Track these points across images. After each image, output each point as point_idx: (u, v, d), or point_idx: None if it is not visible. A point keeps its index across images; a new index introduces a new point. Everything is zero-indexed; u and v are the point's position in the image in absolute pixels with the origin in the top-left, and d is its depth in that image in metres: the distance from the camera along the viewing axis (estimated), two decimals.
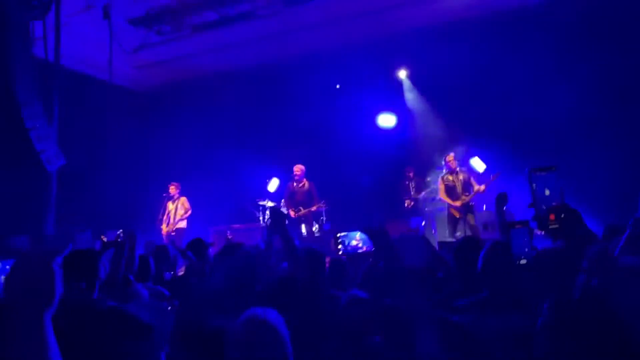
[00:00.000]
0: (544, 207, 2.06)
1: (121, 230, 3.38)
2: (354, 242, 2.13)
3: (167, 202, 8.35)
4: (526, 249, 2.20)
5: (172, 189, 8.34)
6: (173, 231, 8.17)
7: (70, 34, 7.67)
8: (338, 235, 2.21)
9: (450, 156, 7.44)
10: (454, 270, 2.77)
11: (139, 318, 1.27)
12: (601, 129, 7.13)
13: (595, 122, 7.17)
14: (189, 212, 8.31)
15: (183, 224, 8.27)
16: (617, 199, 5.86)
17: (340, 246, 2.22)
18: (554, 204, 2.06)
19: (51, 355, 0.91)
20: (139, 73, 10.08)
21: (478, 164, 7.90)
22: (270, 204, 8.22)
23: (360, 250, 2.13)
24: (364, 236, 1.79)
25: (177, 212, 8.25)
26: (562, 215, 2.01)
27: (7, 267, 5.13)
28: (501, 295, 2.10)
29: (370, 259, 2.36)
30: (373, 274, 2.28)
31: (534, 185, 2.11)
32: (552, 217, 2.02)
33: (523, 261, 2.19)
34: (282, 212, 2.58)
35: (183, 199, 8.38)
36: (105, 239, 4.16)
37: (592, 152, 7.00)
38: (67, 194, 7.54)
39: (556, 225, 2.02)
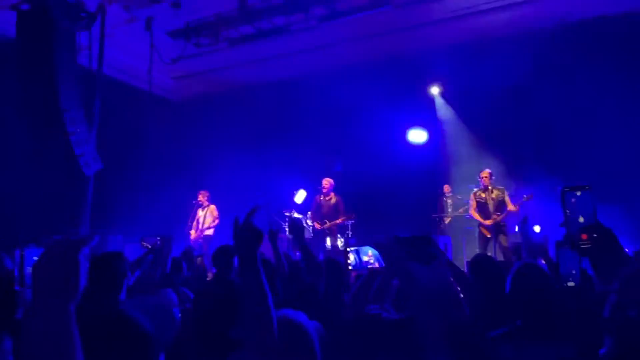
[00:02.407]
0: (576, 227, 1.97)
1: (160, 237, 3.49)
2: (365, 258, 2.08)
3: (197, 209, 8.50)
4: (574, 271, 2.08)
5: (202, 197, 8.49)
6: (201, 238, 8.29)
7: (113, 45, 8.03)
8: (348, 249, 2.17)
9: (485, 172, 7.21)
10: (476, 291, 2.67)
11: (139, 325, 1.27)
12: (637, 148, 6.86)
13: (631, 142, 6.89)
14: (217, 221, 8.42)
15: (211, 232, 8.39)
16: None
17: (349, 261, 2.18)
18: (586, 223, 1.97)
19: (74, 346, 0.90)
20: (176, 83, 10.40)
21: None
22: (296, 215, 8.24)
23: (370, 266, 2.08)
24: (375, 252, 1.74)
25: (206, 219, 8.38)
26: (595, 235, 1.91)
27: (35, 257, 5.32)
28: (537, 323, 1.99)
29: (380, 276, 2.31)
30: (384, 291, 2.24)
31: (566, 203, 2.02)
32: (584, 236, 1.92)
33: (571, 284, 2.08)
34: (300, 223, 2.56)
35: (212, 207, 8.51)
36: (145, 244, 4.29)
37: (630, 173, 6.73)
38: (103, 198, 7.80)
39: (588, 245, 1.93)
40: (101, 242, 7.47)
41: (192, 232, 8.41)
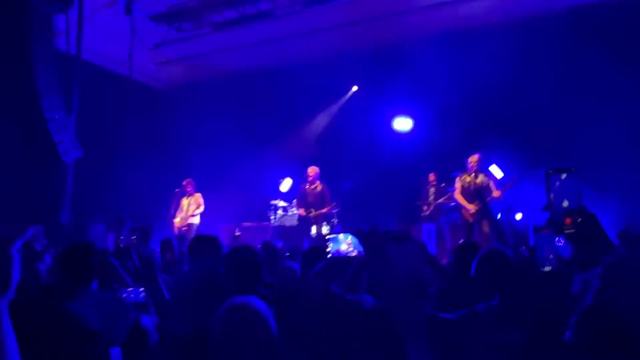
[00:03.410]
0: (560, 211, 1.97)
1: (137, 229, 3.42)
2: (344, 246, 2.06)
3: (181, 198, 8.40)
4: (551, 256, 2.08)
5: (186, 185, 8.39)
6: (185, 226, 8.21)
7: (92, 29, 7.78)
8: (327, 237, 2.15)
9: (474, 157, 7.18)
10: (451, 275, 2.68)
11: (83, 322, 1.24)
12: (621, 132, 6.95)
13: (615, 125, 6.99)
14: (202, 208, 8.34)
15: (195, 220, 8.30)
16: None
17: (329, 249, 2.16)
18: (570, 207, 1.96)
19: (6, 341, 0.89)
20: (159, 69, 10.18)
21: (496, 171, 7.74)
22: (282, 203, 8.20)
23: (349, 255, 2.06)
24: (355, 240, 1.72)
25: (190, 207, 8.29)
26: (579, 220, 1.91)
27: None
28: (501, 306, 2.00)
29: (355, 263, 2.29)
30: (358, 279, 2.22)
31: (550, 186, 2.01)
32: (568, 221, 1.92)
33: (547, 268, 2.08)
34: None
35: (197, 195, 8.42)
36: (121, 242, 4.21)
37: (612, 156, 6.83)
38: (84, 185, 7.63)
39: (572, 230, 1.92)
40: (81, 231, 7.34)
41: (176, 220, 8.32)
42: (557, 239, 2.14)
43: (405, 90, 9.03)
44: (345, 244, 2.09)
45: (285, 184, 8.78)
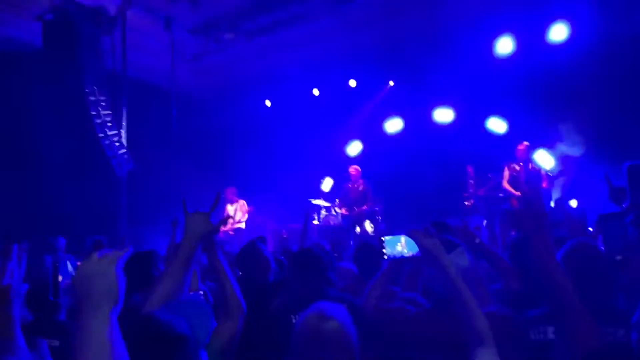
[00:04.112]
0: None
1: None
2: (398, 247, 2.05)
3: (226, 205, 8.63)
4: (620, 245, 2.00)
5: (230, 194, 8.59)
6: (232, 231, 8.43)
7: (135, 46, 8.16)
8: (383, 239, 2.14)
9: (522, 145, 7.02)
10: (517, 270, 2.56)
11: (172, 326, 1.28)
12: None
13: None
14: (247, 215, 8.53)
15: (242, 225, 8.50)
16: None
17: (385, 251, 2.16)
18: None
19: (119, 353, 0.97)
20: (198, 79, 10.49)
21: (544, 159, 7.45)
22: (324, 203, 8.26)
23: (405, 257, 2.05)
24: (410, 240, 1.72)
25: (236, 214, 8.49)
26: None
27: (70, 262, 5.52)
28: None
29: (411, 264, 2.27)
30: (415, 280, 2.21)
31: (632, 181, 1.95)
32: None
33: (618, 257, 2.00)
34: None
35: (242, 202, 8.62)
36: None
37: None
38: (138, 196, 8.03)
39: None
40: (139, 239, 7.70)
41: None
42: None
43: (445, 81, 8.82)
44: (400, 245, 2.09)
45: (327, 184, 8.85)
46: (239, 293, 1.88)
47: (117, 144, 7.53)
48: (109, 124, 7.41)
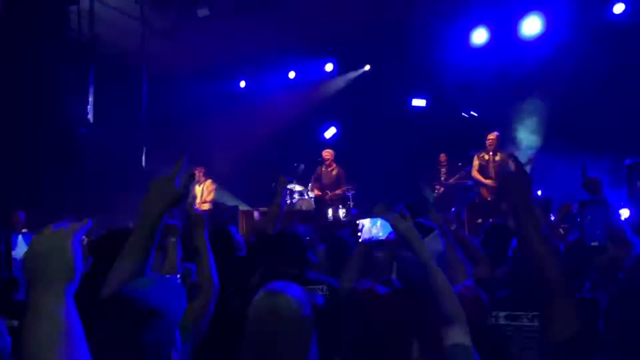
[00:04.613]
0: None
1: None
2: (374, 230, 2.05)
3: (193, 186, 8.46)
4: (598, 232, 2.04)
5: (198, 173, 8.40)
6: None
7: (104, 20, 7.81)
8: (358, 222, 2.12)
9: (492, 135, 7.13)
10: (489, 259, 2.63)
11: (146, 300, 1.22)
12: None
13: None
14: (213, 194, 8.39)
15: (207, 206, 8.36)
16: None
17: (359, 234, 2.15)
18: None
19: (76, 330, 0.91)
20: (169, 54, 10.14)
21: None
22: (298, 187, 8.21)
23: (379, 239, 2.05)
24: (384, 223, 1.71)
25: (203, 194, 8.34)
26: None
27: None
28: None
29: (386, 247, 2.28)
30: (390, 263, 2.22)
31: (631, 179, 1.99)
32: None
33: (594, 244, 2.03)
34: None
35: (208, 181, 8.45)
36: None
37: None
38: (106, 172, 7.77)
39: None
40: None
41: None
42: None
43: (422, 68, 8.86)
44: (375, 228, 2.08)
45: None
46: (214, 271, 1.84)
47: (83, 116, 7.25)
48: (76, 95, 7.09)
